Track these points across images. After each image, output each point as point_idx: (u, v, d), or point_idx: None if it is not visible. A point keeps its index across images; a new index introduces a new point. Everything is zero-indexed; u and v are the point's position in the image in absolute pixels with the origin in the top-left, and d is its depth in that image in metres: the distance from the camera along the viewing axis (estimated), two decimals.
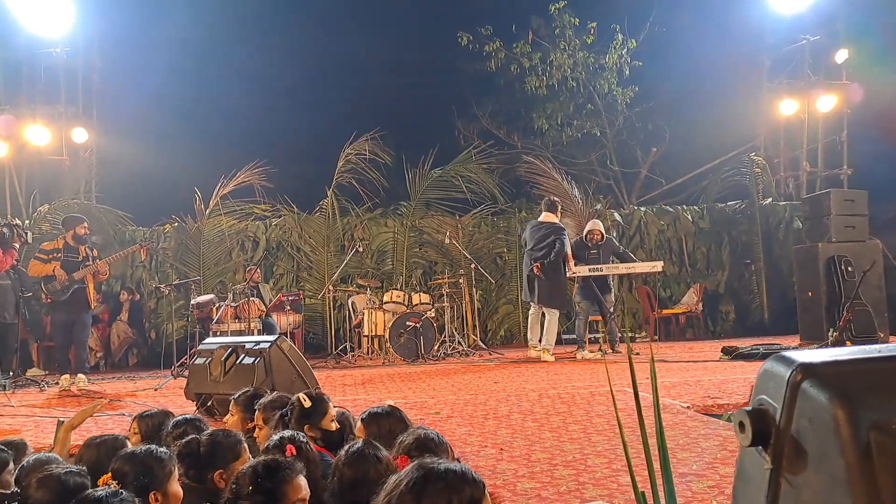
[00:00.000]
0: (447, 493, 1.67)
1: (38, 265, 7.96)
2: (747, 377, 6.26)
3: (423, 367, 9.07)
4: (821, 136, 14.31)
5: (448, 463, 1.79)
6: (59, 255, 7.96)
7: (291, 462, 2.33)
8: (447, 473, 1.71)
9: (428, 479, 1.69)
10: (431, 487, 1.68)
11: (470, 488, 1.70)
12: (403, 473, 1.75)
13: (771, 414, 0.98)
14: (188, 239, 12.60)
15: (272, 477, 2.21)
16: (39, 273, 7.98)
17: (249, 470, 2.24)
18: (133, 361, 12.10)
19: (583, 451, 3.88)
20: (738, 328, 13.02)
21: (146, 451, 2.58)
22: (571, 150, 17.01)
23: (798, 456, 0.94)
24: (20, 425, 5.58)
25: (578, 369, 7.96)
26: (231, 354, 5.49)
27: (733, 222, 13.65)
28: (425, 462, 1.78)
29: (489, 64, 16.29)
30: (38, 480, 2.41)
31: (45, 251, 8.04)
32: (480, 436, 4.41)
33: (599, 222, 9.89)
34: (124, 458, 2.53)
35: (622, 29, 15.96)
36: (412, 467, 1.76)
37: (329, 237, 12.79)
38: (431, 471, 1.71)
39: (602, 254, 9.52)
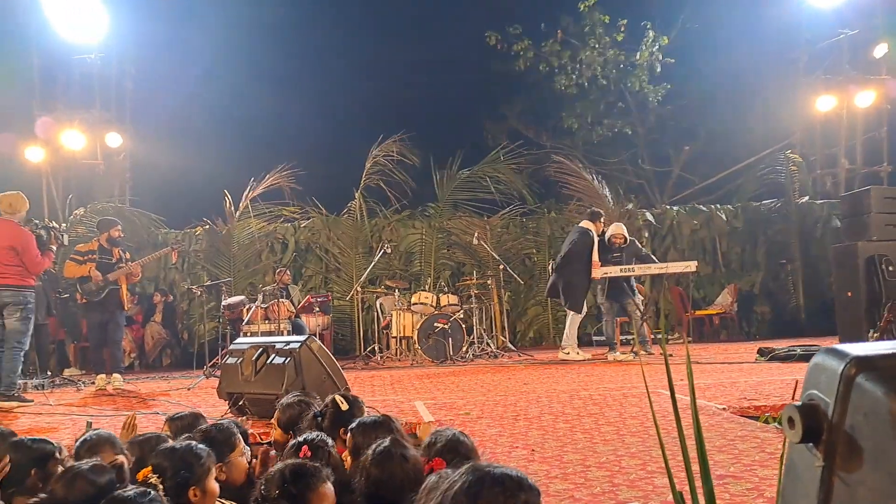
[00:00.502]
0: (503, 497, 1.63)
1: (73, 266, 8.09)
2: (784, 379, 6.13)
3: (451, 368, 9.02)
4: (859, 133, 14.03)
5: (504, 467, 1.74)
6: (94, 257, 8.08)
7: (319, 468, 2.31)
8: (504, 478, 1.67)
9: (484, 483, 1.65)
10: (488, 492, 1.63)
11: (526, 494, 1.66)
12: (457, 476, 1.70)
13: (822, 409, 0.93)
14: (219, 241, 12.70)
15: (297, 482, 2.20)
16: (75, 274, 8.11)
17: (277, 473, 2.23)
18: (167, 362, 12.22)
19: (616, 452, 3.81)
20: (773, 329, 12.79)
21: (185, 447, 2.59)
22: (602, 150, 16.89)
23: (852, 453, 0.88)
24: (58, 423, 5.63)
25: (610, 371, 7.86)
26: (262, 354, 5.49)
27: (769, 221, 13.41)
28: (480, 465, 1.73)
29: (518, 63, 16.22)
30: (66, 480, 2.41)
31: (80, 253, 8.17)
32: (511, 437, 4.35)
33: (622, 226, 9.75)
34: (164, 454, 2.54)
35: (653, 26, 15.82)
36: (467, 470, 1.71)
37: (357, 239, 12.81)
38: (488, 474, 1.67)
39: (624, 257, 9.41)
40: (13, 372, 6.85)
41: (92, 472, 2.45)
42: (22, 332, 6.91)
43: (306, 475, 2.23)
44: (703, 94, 16.49)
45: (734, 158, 15.97)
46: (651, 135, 17.02)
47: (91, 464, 2.50)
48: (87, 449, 2.86)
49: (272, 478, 2.23)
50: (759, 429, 4.26)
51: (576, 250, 9.25)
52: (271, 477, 2.24)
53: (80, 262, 8.06)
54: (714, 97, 16.31)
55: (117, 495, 2.17)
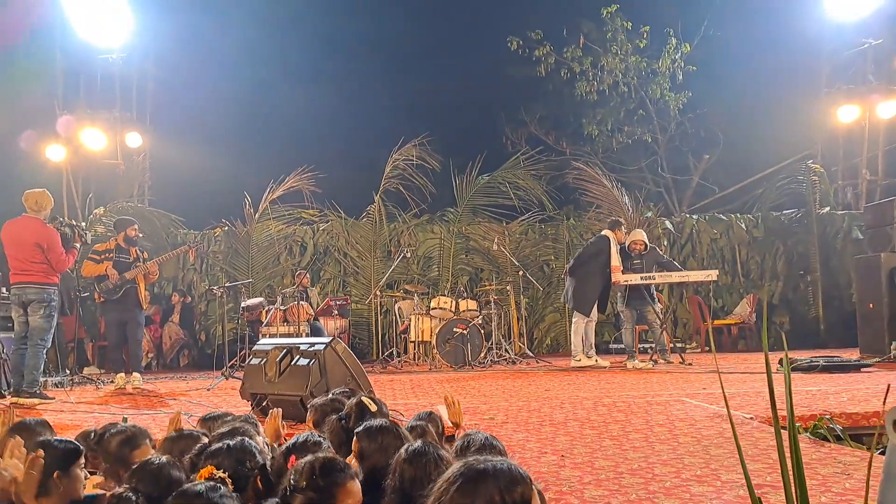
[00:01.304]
0: (500, 494, 1.64)
1: (91, 265, 8.14)
2: (808, 390, 6.07)
3: (470, 373, 8.99)
4: (882, 144, 13.90)
5: (494, 460, 1.73)
6: (112, 256, 8.11)
7: (347, 464, 2.30)
8: (499, 473, 1.68)
9: (479, 480, 1.66)
10: (484, 488, 1.64)
11: (521, 487, 1.67)
12: (450, 473, 1.71)
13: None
14: (238, 243, 12.72)
15: (326, 476, 2.19)
16: (92, 273, 8.16)
17: (307, 465, 2.22)
18: (184, 362, 12.24)
19: (647, 459, 3.77)
20: (791, 340, 12.66)
21: (240, 443, 2.60)
22: (621, 157, 16.82)
23: None
24: (81, 421, 5.63)
25: (630, 378, 7.81)
26: (286, 355, 5.49)
27: (789, 231, 13.31)
28: (471, 461, 1.74)
29: (539, 69, 16.18)
30: (133, 472, 2.43)
31: (97, 252, 8.21)
32: (539, 442, 4.32)
33: (643, 232, 9.71)
34: (224, 453, 2.53)
35: (675, 33, 15.73)
36: (459, 466, 1.72)
37: (376, 243, 12.80)
38: (482, 471, 1.68)
39: (645, 264, 9.35)
40: (36, 369, 6.89)
41: (170, 466, 2.49)
42: (45, 329, 6.94)
43: (335, 469, 2.22)
44: (725, 102, 16.38)
45: (754, 168, 15.86)
46: (671, 143, 16.93)
47: (166, 458, 2.53)
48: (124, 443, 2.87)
49: (301, 468, 2.22)
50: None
51: (589, 252, 9.35)
52: (300, 468, 2.23)
53: (98, 261, 8.11)
54: (735, 106, 16.20)
55: (188, 488, 2.19)
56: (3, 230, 7.02)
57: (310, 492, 2.15)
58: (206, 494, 2.13)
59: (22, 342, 6.95)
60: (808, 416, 4.78)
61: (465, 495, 1.64)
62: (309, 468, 2.21)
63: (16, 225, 6.97)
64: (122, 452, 2.87)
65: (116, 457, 2.89)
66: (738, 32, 15.94)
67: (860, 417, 4.82)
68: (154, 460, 2.48)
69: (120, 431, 2.97)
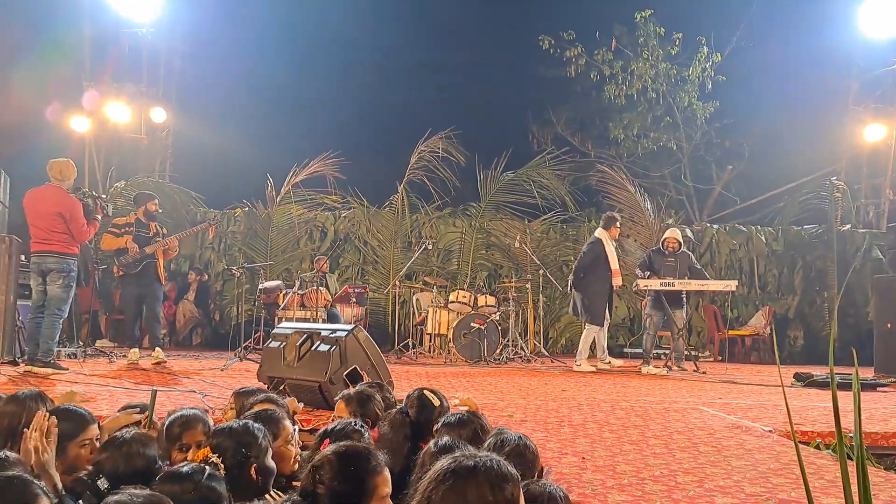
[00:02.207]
0: (489, 488, 1.63)
1: (110, 239, 8.16)
2: (826, 405, 6.03)
3: (485, 369, 8.98)
4: None
5: (482, 456, 1.72)
6: (131, 230, 8.12)
7: (376, 452, 2.19)
8: (486, 469, 1.66)
9: (468, 476, 1.65)
10: (475, 487, 1.63)
11: (511, 485, 1.66)
12: (438, 470, 1.69)
13: None
14: (257, 224, 12.73)
15: (359, 465, 2.07)
16: (111, 247, 8.18)
17: (333, 456, 2.08)
18: (196, 341, 12.29)
19: (669, 467, 3.75)
20: (805, 355, 12.64)
21: (243, 425, 2.57)
22: (645, 162, 16.77)
23: None
24: (95, 394, 5.65)
25: (645, 384, 7.78)
26: (306, 340, 5.47)
27: (808, 246, 13.24)
28: (459, 457, 1.72)
29: (569, 69, 16.15)
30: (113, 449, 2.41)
31: (117, 226, 8.24)
32: (558, 442, 4.30)
33: (678, 231, 9.72)
34: (224, 433, 2.51)
35: (707, 42, 15.64)
36: (448, 463, 1.70)
37: (397, 233, 12.80)
38: (469, 467, 1.67)
39: (679, 265, 9.32)
40: (51, 339, 6.89)
41: (137, 441, 2.46)
42: (63, 299, 6.95)
43: (369, 457, 2.11)
44: (752, 114, 16.30)
45: (777, 181, 15.80)
46: (696, 151, 16.86)
47: (133, 433, 2.52)
48: (181, 424, 2.88)
49: (324, 460, 2.09)
50: (812, 454, 4.18)
51: (586, 261, 9.29)
52: (322, 460, 2.09)
53: (118, 235, 8.13)
54: (762, 118, 16.13)
55: (174, 471, 2.17)
56: (26, 198, 7.01)
57: (342, 485, 2.03)
58: (192, 477, 2.11)
59: (39, 311, 6.95)
60: (827, 433, 4.75)
61: (454, 492, 1.62)
62: (336, 459, 2.08)
63: (38, 193, 6.95)
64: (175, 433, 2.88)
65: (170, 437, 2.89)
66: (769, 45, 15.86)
67: (879, 437, 4.78)
68: (121, 437, 2.46)
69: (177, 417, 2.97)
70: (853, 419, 4.31)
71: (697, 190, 16.98)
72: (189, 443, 2.85)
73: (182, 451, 2.82)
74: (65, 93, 13.37)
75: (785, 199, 14.99)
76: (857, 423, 1.27)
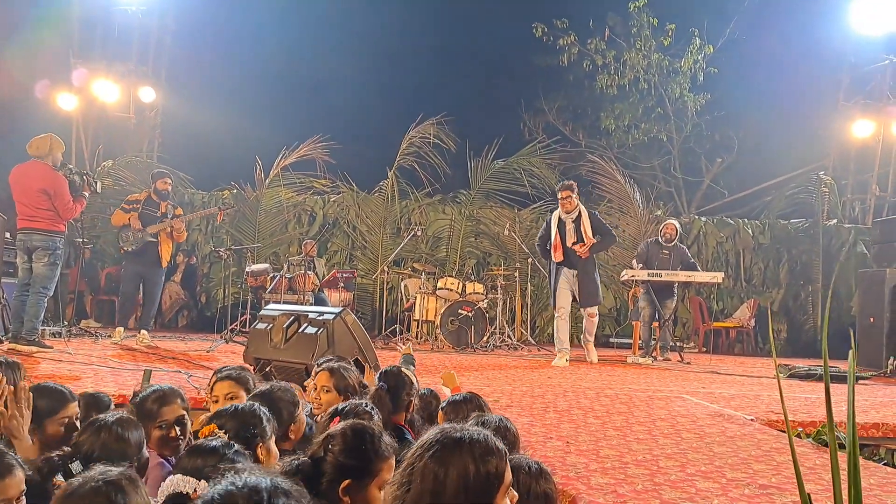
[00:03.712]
0: (473, 460, 1.64)
1: (119, 214, 8.18)
2: (808, 397, 6.12)
3: (472, 355, 9.02)
4: (894, 161, 13.88)
5: (471, 430, 1.73)
6: (138, 207, 8.08)
7: (389, 438, 2.20)
8: (472, 442, 1.67)
9: (453, 447, 1.66)
10: (458, 459, 1.64)
11: (495, 458, 1.67)
12: (426, 439, 1.71)
13: None
14: (246, 207, 12.67)
15: (370, 445, 2.09)
16: (119, 222, 8.18)
17: (349, 430, 2.11)
18: (182, 323, 12.26)
19: (651, 452, 3.79)
20: (788, 348, 12.76)
21: (249, 406, 2.56)
22: (635, 153, 16.80)
23: None
24: (80, 372, 5.64)
25: (630, 373, 7.84)
26: (293, 322, 5.47)
27: (794, 240, 13.33)
28: (447, 429, 1.73)
29: (561, 58, 16.12)
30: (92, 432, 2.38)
31: (129, 202, 8.28)
32: (543, 427, 4.34)
33: (676, 222, 9.81)
34: (229, 414, 2.49)
35: (700, 34, 15.65)
36: (435, 433, 1.72)
37: (386, 218, 12.78)
38: (456, 438, 1.68)
39: (672, 258, 9.39)
40: (36, 317, 6.84)
41: (119, 425, 2.41)
42: (48, 277, 6.90)
43: (380, 441, 2.12)
44: (742, 107, 16.34)
45: (766, 174, 15.87)
46: (686, 143, 16.91)
47: (117, 416, 2.47)
48: (155, 400, 2.83)
49: (337, 434, 2.10)
50: (794, 443, 4.23)
51: (538, 242, 8.94)
52: (335, 434, 2.10)
53: (126, 211, 8.13)
54: (752, 111, 16.17)
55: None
56: (12, 175, 6.94)
57: (349, 459, 2.04)
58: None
59: (24, 289, 6.91)
60: (808, 423, 4.81)
61: (438, 462, 1.63)
62: (353, 434, 2.10)
63: (24, 170, 6.89)
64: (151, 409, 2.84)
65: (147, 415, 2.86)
66: (762, 38, 15.89)
67: (860, 428, 4.85)
68: (104, 419, 2.41)
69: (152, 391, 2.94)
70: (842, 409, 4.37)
71: (686, 182, 17.05)
72: (168, 419, 2.80)
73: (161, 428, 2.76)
74: (53, 70, 13.23)
75: (773, 192, 15.07)
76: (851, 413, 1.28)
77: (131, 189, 10.95)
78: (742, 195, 16.57)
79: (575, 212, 8.41)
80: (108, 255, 12.01)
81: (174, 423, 2.79)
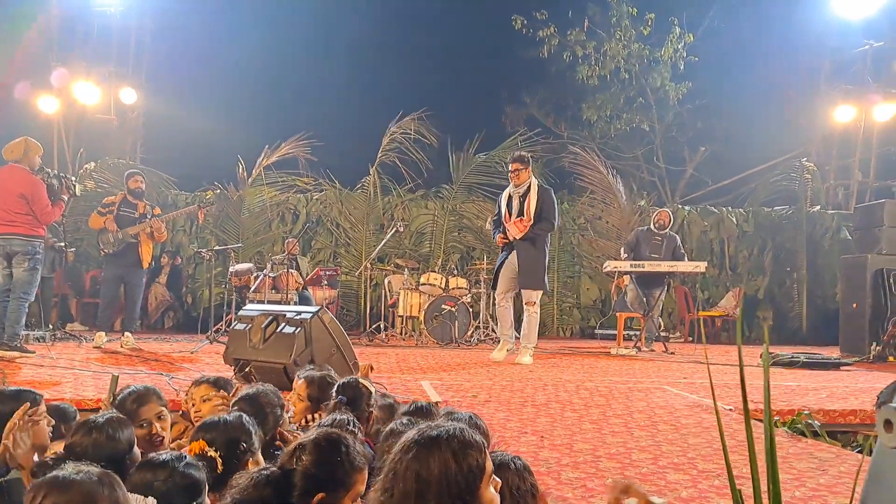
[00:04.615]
0: (452, 455, 1.65)
1: (96, 217, 8.14)
2: (788, 385, 6.15)
3: (456, 350, 9.03)
4: (875, 146, 13.95)
5: (447, 426, 1.73)
6: (114, 210, 8.05)
7: (362, 448, 2.15)
8: (450, 437, 1.68)
9: (432, 445, 1.67)
10: (437, 452, 1.65)
11: (474, 451, 1.68)
12: (404, 441, 1.71)
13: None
14: (229, 207, 12.63)
15: (341, 456, 2.02)
16: (96, 226, 8.14)
17: (320, 440, 2.05)
18: (168, 324, 12.22)
19: (626, 445, 3.81)
20: (774, 335, 12.80)
21: (237, 418, 2.52)
22: (618, 144, 16.82)
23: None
24: (60, 377, 5.61)
25: (613, 365, 7.86)
26: (271, 322, 5.46)
27: (778, 228, 13.38)
28: (423, 428, 1.73)
29: (542, 50, 16.12)
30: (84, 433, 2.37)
31: (104, 205, 8.22)
32: (519, 422, 4.35)
33: (669, 212, 9.88)
34: (219, 429, 2.45)
35: (680, 22, 15.68)
36: (413, 434, 1.72)
37: (369, 215, 12.76)
38: (433, 437, 1.69)
39: (665, 245, 9.43)
40: (17, 323, 6.80)
41: (109, 425, 2.39)
42: (29, 282, 6.85)
43: (352, 452, 2.05)
44: (724, 95, 16.39)
45: (749, 162, 15.92)
46: (668, 133, 16.96)
47: (107, 417, 2.46)
48: (134, 400, 2.86)
49: (306, 445, 2.03)
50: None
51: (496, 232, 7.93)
52: (304, 444, 2.04)
53: (103, 214, 8.07)
54: (734, 99, 16.22)
55: (152, 458, 2.11)
56: None
57: (321, 471, 1.98)
58: (171, 464, 2.04)
59: (5, 295, 6.84)
60: (786, 411, 4.83)
61: (419, 462, 1.63)
62: (327, 444, 2.04)
63: (1, 174, 6.84)
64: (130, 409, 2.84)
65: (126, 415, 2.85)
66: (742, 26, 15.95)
67: (837, 415, 4.88)
68: (95, 420, 2.40)
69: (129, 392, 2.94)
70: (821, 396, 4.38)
71: (670, 171, 17.10)
72: (148, 418, 2.83)
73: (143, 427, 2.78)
74: (32, 72, 13.14)
75: (756, 180, 15.12)
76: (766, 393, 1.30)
77: (114, 192, 10.88)
78: (725, 183, 16.63)
79: (524, 186, 7.56)
80: (93, 257, 11.94)
81: (155, 420, 2.83)
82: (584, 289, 13.02)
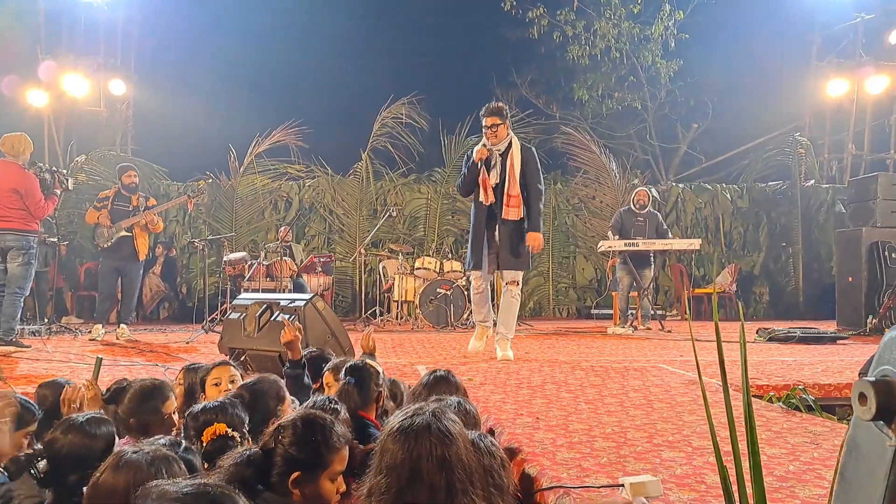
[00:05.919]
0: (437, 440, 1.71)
1: (92, 212, 8.16)
2: (784, 360, 6.17)
3: (451, 334, 9.04)
4: (869, 119, 13.92)
5: (432, 410, 1.78)
6: (108, 204, 8.03)
7: (342, 428, 2.18)
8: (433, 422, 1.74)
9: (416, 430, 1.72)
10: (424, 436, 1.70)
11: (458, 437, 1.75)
12: (392, 422, 1.78)
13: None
14: (221, 196, 12.61)
15: (320, 437, 2.07)
16: (92, 220, 8.15)
17: (298, 421, 2.11)
18: (164, 315, 12.22)
19: (621, 424, 3.80)
20: (770, 311, 12.85)
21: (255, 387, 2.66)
22: (610, 123, 16.79)
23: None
24: (56, 370, 5.61)
25: (609, 344, 7.87)
26: (266, 311, 5.46)
27: (773, 203, 13.38)
28: (409, 412, 1.79)
29: (532, 31, 16.04)
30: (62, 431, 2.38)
31: (99, 199, 8.24)
32: (515, 404, 4.34)
33: (648, 189, 9.83)
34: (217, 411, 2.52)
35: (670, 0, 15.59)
36: (399, 417, 1.78)
37: (362, 201, 12.74)
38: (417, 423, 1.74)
39: (648, 225, 9.40)
40: (12, 317, 6.81)
41: (89, 424, 2.40)
42: (23, 277, 6.86)
43: (331, 432, 2.11)
44: (715, 71, 16.32)
45: (742, 138, 15.90)
46: (660, 111, 16.93)
47: (88, 416, 2.47)
48: None
49: (288, 426, 2.09)
50: (763, 407, 4.26)
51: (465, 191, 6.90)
52: (287, 425, 2.09)
53: (98, 209, 8.08)
54: (726, 75, 16.18)
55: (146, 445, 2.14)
56: None
57: (298, 451, 2.03)
58: (172, 449, 2.08)
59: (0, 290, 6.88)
60: (781, 386, 4.84)
61: (405, 446, 1.68)
62: (303, 425, 2.09)
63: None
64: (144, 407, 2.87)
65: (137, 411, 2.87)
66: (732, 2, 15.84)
67: (833, 389, 4.89)
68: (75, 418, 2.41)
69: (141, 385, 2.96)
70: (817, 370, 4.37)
71: (663, 149, 17.07)
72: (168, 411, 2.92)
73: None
74: (20, 66, 13.04)
75: (750, 156, 15.10)
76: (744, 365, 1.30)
77: (106, 184, 10.86)
78: (719, 160, 16.62)
79: (503, 143, 6.39)
80: (86, 250, 11.93)
81: None
82: (580, 269, 13.03)
